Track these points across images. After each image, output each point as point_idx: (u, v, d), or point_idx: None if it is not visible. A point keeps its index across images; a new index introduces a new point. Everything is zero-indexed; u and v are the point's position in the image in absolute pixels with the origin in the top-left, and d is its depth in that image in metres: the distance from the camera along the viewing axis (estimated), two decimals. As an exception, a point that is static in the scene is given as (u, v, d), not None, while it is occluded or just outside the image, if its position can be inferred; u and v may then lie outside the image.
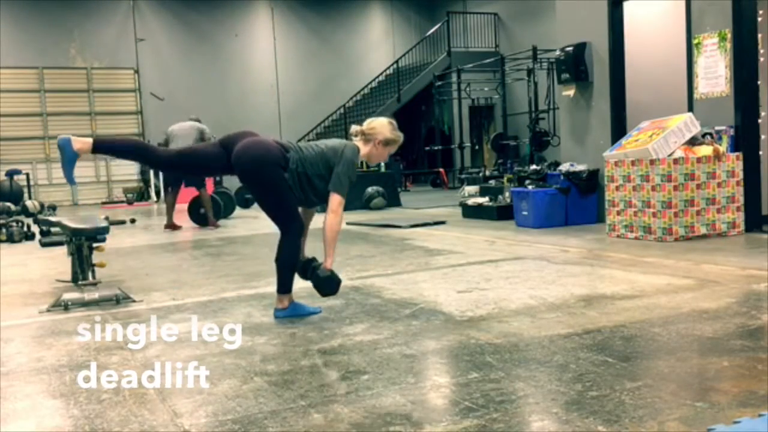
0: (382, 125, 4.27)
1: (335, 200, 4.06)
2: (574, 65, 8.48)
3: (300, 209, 4.23)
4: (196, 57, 21.46)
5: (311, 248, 4.47)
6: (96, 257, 5.37)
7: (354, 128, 4.36)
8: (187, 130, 10.18)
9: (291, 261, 4.14)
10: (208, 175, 4.25)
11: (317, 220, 4.35)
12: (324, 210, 4.11)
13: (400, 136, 4.32)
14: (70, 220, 5.53)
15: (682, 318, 3.71)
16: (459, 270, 5.59)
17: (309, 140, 17.17)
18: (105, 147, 4.13)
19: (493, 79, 18.72)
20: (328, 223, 4.06)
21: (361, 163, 4.56)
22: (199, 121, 10.72)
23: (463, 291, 4.72)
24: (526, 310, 4.07)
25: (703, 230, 6.69)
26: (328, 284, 4.16)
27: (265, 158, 3.99)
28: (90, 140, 4.05)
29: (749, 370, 2.82)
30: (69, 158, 4.02)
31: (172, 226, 10.06)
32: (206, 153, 4.22)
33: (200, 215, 10.70)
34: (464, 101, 19.28)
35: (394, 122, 4.36)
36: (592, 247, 6.56)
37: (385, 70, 21.95)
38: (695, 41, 7.22)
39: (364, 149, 4.26)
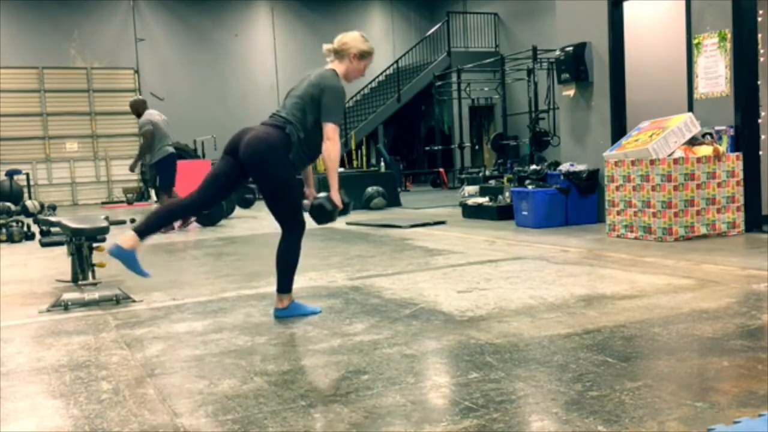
0: (354, 38, 4.22)
1: (329, 128, 4.00)
2: (574, 65, 8.48)
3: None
4: (196, 57, 21.47)
5: (310, 246, 4.46)
6: (96, 257, 5.37)
7: (325, 47, 4.26)
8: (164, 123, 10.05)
9: (292, 260, 4.13)
10: (236, 187, 4.20)
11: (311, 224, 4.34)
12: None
13: (372, 47, 4.26)
14: (70, 220, 5.53)
15: (682, 318, 3.71)
16: (459, 270, 5.59)
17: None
18: (148, 230, 4.13)
19: (493, 79, 18.74)
20: (326, 151, 3.99)
21: (361, 162, 4.54)
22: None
23: (463, 291, 4.72)
24: (526, 310, 4.07)
25: (703, 230, 6.69)
26: (320, 211, 4.02)
27: (270, 150, 3.96)
28: (132, 233, 4.07)
29: (749, 370, 2.82)
30: (130, 259, 4.08)
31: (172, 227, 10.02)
32: (223, 171, 4.13)
33: (204, 214, 10.71)
34: (464, 101, 19.29)
35: (365, 34, 4.31)
36: (592, 247, 6.56)
37: (385, 70, 21.95)
38: (695, 41, 7.22)
39: (340, 68, 4.20)
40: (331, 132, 4.00)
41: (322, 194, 4.08)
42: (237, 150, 4.03)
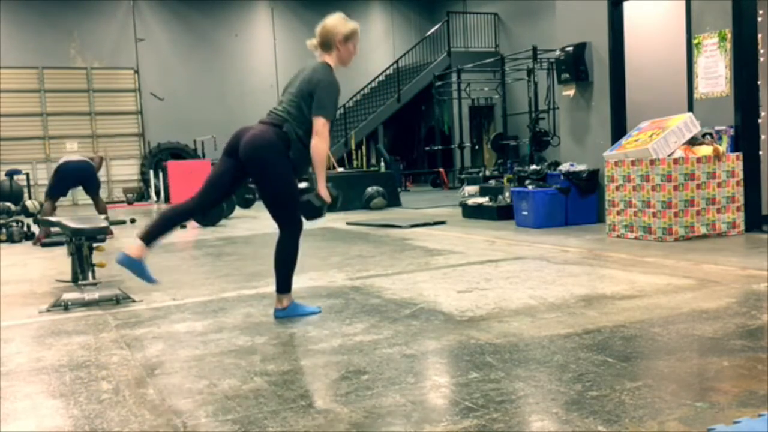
0: (333, 24, 4.13)
1: (319, 123, 3.94)
2: (574, 65, 8.48)
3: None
4: (196, 57, 21.47)
5: (310, 246, 4.46)
6: (96, 257, 5.37)
7: (309, 43, 4.19)
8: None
9: (290, 260, 4.13)
10: (237, 188, 4.18)
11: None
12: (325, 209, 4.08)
13: (355, 26, 4.17)
14: (70, 220, 5.53)
15: (682, 318, 3.71)
16: (459, 270, 5.59)
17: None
18: (152, 236, 4.11)
19: (493, 79, 18.73)
20: (314, 146, 3.93)
21: (361, 162, 4.51)
22: (91, 160, 9.78)
23: (463, 291, 4.72)
24: (526, 310, 4.07)
25: (703, 230, 6.69)
26: (308, 207, 4.00)
27: (269, 148, 3.96)
28: (139, 242, 4.06)
29: (749, 370, 2.82)
30: (138, 267, 4.10)
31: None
32: (222, 172, 4.12)
33: (204, 214, 10.71)
34: (464, 101, 19.29)
35: (342, 14, 4.20)
36: (592, 247, 6.56)
37: (385, 70, 21.96)
38: (695, 41, 7.22)
39: (331, 59, 4.13)
40: (320, 126, 3.95)
41: (310, 190, 4.03)
42: (236, 150, 4.03)
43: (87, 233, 5.17)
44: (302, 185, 4.08)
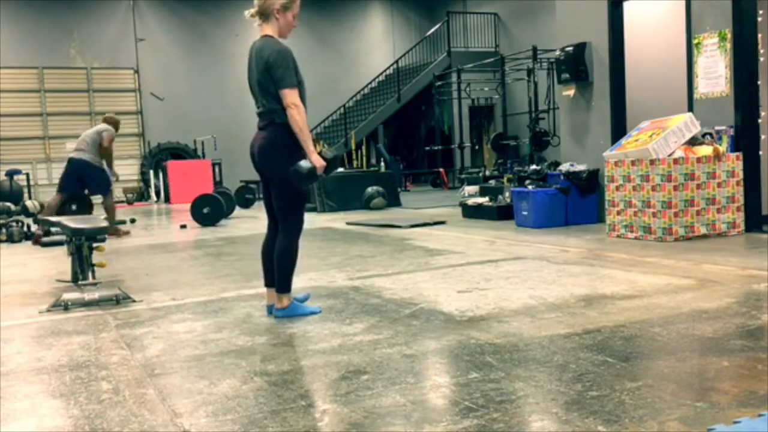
0: None
1: (284, 95, 3.93)
2: (574, 65, 8.48)
3: None
4: (196, 57, 21.47)
5: (310, 246, 4.46)
6: (96, 257, 5.37)
7: (248, 12, 4.14)
8: (91, 134, 9.51)
9: (290, 259, 4.13)
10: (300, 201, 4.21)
11: (315, 220, 4.33)
12: (325, 209, 4.09)
13: None
14: (69, 220, 5.53)
15: (682, 318, 3.71)
16: (459, 270, 5.59)
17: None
18: (286, 280, 4.14)
19: (493, 79, 18.73)
20: (291, 116, 3.92)
21: (361, 162, 4.50)
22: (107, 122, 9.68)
23: (463, 291, 4.71)
24: (526, 310, 4.07)
25: (703, 230, 6.69)
26: (296, 175, 3.94)
27: (277, 150, 4.02)
28: (280, 294, 4.13)
29: (749, 370, 2.82)
30: (294, 311, 4.16)
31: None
32: (266, 195, 4.23)
33: (204, 214, 10.74)
34: (464, 101, 19.29)
35: None
36: (592, 247, 6.56)
37: (385, 70, 21.95)
38: (695, 41, 7.22)
39: (272, 30, 4.08)
40: (287, 98, 3.93)
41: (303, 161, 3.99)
42: (260, 171, 4.15)
43: (87, 233, 5.17)
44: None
